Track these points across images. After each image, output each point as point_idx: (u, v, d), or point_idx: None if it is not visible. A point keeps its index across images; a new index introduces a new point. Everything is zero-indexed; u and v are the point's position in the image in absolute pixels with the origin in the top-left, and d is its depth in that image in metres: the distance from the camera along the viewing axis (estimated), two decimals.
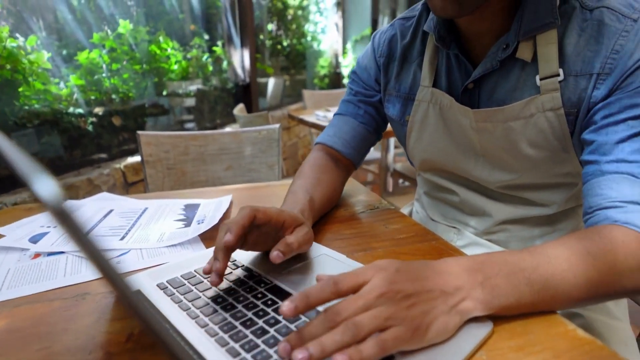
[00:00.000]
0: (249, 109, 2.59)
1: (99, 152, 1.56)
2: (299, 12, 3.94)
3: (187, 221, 0.72)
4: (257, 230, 0.50)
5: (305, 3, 4.02)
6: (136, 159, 1.63)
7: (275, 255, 0.45)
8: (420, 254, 0.59)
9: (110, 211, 0.77)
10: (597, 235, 0.46)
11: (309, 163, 0.76)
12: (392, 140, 2.12)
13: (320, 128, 1.78)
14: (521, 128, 0.60)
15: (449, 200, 0.78)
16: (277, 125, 1.22)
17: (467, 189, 0.74)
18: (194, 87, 2.17)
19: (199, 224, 0.70)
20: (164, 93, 1.95)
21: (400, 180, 2.31)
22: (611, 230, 0.46)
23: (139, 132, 1.14)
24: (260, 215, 0.48)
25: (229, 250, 0.46)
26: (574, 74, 0.56)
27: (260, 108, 2.87)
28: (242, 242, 0.49)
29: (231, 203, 0.80)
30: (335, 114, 0.84)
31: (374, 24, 4.83)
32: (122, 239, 0.65)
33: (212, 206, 0.78)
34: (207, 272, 0.46)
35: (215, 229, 0.66)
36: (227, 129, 2.26)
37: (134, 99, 1.75)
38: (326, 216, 0.73)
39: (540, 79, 0.57)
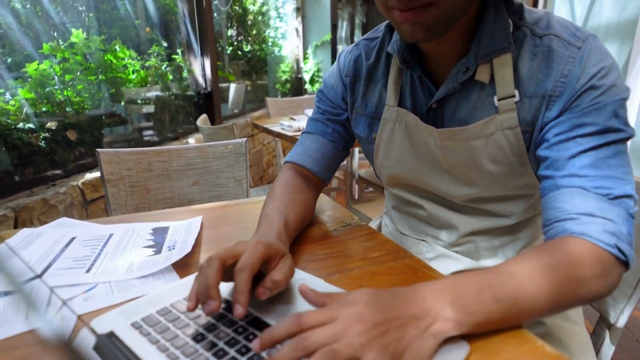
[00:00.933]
0: (212, 118, 2.54)
1: (54, 169, 1.47)
2: (259, 18, 3.91)
3: (157, 247, 0.69)
4: None
5: (264, 8, 4.00)
6: (95, 174, 1.55)
7: (262, 292, 0.46)
8: (395, 273, 0.60)
9: (72, 239, 0.74)
10: (556, 249, 0.49)
11: (280, 183, 0.76)
12: (357, 148, 2.15)
13: (285, 138, 1.78)
14: (482, 146, 0.64)
15: (417, 215, 0.81)
16: (244, 140, 1.21)
17: (434, 203, 0.77)
18: (152, 93, 2.10)
19: (169, 250, 0.68)
20: (122, 103, 1.88)
21: (365, 187, 2.35)
22: (568, 242, 0.50)
23: (99, 150, 1.09)
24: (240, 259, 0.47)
25: (217, 286, 0.45)
26: (529, 95, 0.60)
27: (223, 116, 2.82)
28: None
29: (202, 225, 0.79)
30: (303, 132, 0.85)
31: (334, 29, 4.88)
32: (88, 271, 0.62)
33: (182, 229, 0.76)
34: (191, 310, 0.44)
35: (189, 255, 0.65)
36: (192, 141, 2.21)
37: (89, 111, 1.67)
38: (300, 235, 0.73)
39: (498, 100, 0.61)
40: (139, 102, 2.01)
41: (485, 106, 0.63)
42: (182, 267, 0.63)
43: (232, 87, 3.46)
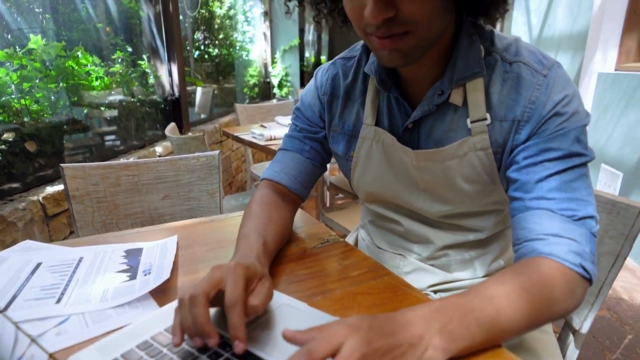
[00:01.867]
0: (180, 125, 2.48)
1: (11, 182, 1.39)
2: (227, 22, 3.86)
3: (132, 272, 0.67)
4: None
5: (232, 12, 3.95)
6: (57, 188, 1.48)
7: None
8: (376, 292, 0.61)
9: (39, 265, 0.70)
10: (529, 270, 0.52)
11: (257, 201, 0.76)
12: None
13: (257, 147, 1.76)
14: (457, 166, 0.66)
15: (394, 230, 0.82)
16: (216, 152, 1.19)
17: (410, 219, 0.79)
18: (114, 97, 2.01)
19: (145, 274, 0.66)
20: (85, 111, 1.79)
21: (336, 193, 2.36)
22: (539, 263, 0.53)
23: (63, 165, 1.04)
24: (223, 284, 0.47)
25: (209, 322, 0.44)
26: (499, 119, 0.63)
27: (190, 121, 2.76)
28: None
29: (177, 245, 0.77)
30: (280, 149, 0.85)
31: (301, 34, 4.89)
32: (58, 301, 0.59)
33: (157, 250, 0.74)
34: (177, 345, 0.43)
35: (166, 280, 0.63)
36: (159, 149, 2.15)
37: (49, 119, 1.58)
38: (279, 254, 0.73)
39: (471, 122, 0.64)
40: (102, 108, 1.94)
41: (459, 128, 0.66)
42: (160, 293, 0.61)
43: (199, 90, 3.39)
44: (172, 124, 1.75)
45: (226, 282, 0.47)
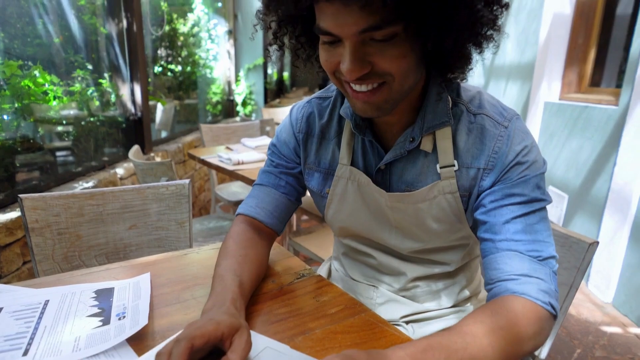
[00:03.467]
0: (142, 145, 2.41)
1: None
2: (190, 39, 3.82)
3: (104, 315, 0.65)
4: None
5: (195, 29, 3.92)
6: (9, 215, 1.38)
7: None
8: (355, 331, 0.63)
9: None
10: (504, 310, 0.57)
11: (233, 238, 0.76)
12: None
13: (224, 171, 1.75)
14: (427, 208, 0.71)
15: (367, 262, 0.85)
16: (186, 181, 1.17)
17: (383, 253, 0.82)
18: (73, 116, 1.91)
19: (119, 318, 0.64)
20: (41, 132, 1.70)
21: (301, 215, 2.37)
22: (513, 302, 0.58)
23: (22, 195, 0.99)
24: (197, 342, 0.49)
25: None
26: (466, 166, 0.68)
27: (152, 140, 2.69)
28: None
29: (150, 283, 0.75)
30: (255, 184, 0.86)
31: (266, 53, 4.93)
32: (25, 353, 0.55)
33: (130, 290, 0.72)
34: None
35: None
36: (120, 171, 2.07)
37: (0, 142, 1.49)
38: (256, 291, 0.73)
39: (440, 168, 0.69)
40: (60, 128, 1.85)
41: (429, 172, 0.70)
42: (136, 339, 0.59)
43: (160, 107, 3.31)
44: (136, 147, 1.70)
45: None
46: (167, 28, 3.16)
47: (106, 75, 2.20)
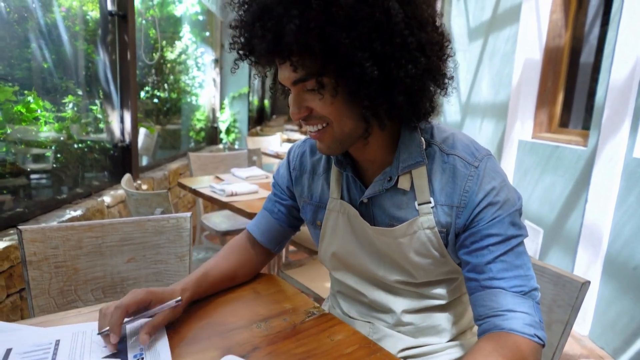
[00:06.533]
0: (130, 173, 2.37)
1: None
2: (178, 67, 3.85)
3: (121, 357, 0.64)
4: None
5: (183, 57, 3.96)
6: None
7: (143, 338, 0.65)
8: None
9: (9, 351, 0.64)
10: (504, 349, 0.63)
11: (230, 242, 0.95)
12: None
13: (219, 203, 1.75)
14: (408, 242, 0.76)
15: (360, 300, 0.89)
16: (187, 214, 1.18)
17: (373, 288, 0.85)
18: (61, 141, 1.86)
19: (137, 359, 0.63)
20: (28, 157, 1.66)
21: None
22: (507, 339, 0.64)
23: (21, 227, 0.97)
24: (131, 309, 0.68)
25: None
26: (441, 203, 0.73)
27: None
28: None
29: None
30: (262, 207, 0.98)
31: (250, 81, 5.01)
32: None
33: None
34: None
35: None
36: (107, 199, 2.02)
37: None
38: (271, 330, 0.74)
39: (418, 204, 0.74)
40: (48, 154, 1.81)
41: (408, 207, 0.75)
42: None
43: (142, 131, 3.27)
44: (127, 176, 1.69)
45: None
46: (154, 55, 3.18)
47: (97, 101, 2.18)
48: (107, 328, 0.65)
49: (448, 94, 0.70)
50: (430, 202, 0.72)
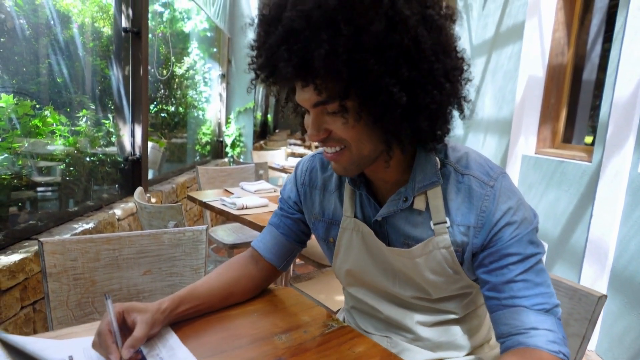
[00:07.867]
0: (140, 186, 2.40)
1: None
2: (186, 82, 3.92)
3: None
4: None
5: (191, 72, 4.03)
6: (12, 258, 1.35)
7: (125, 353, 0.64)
8: None
9: None
10: None
11: (229, 260, 0.93)
12: None
13: (229, 216, 1.77)
14: (424, 261, 0.76)
15: (376, 316, 0.89)
16: (204, 227, 1.19)
17: (388, 303, 0.86)
18: (73, 154, 1.89)
19: None
20: (44, 170, 1.69)
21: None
22: (532, 355, 0.64)
23: (43, 239, 0.99)
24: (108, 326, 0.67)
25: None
26: (457, 223, 0.73)
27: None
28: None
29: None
30: (268, 222, 0.97)
31: (255, 96, 5.08)
32: None
33: (158, 344, 0.72)
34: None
35: None
36: (118, 212, 2.04)
37: (7, 182, 1.47)
38: (292, 342, 0.75)
39: (434, 224, 0.74)
40: (62, 167, 1.83)
41: (424, 227, 0.76)
42: None
43: (149, 145, 3.31)
44: (140, 189, 1.71)
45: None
46: (164, 72, 3.24)
47: (110, 116, 2.22)
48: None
49: (467, 117, 0.71)
50: (446, 222, 0.73)
